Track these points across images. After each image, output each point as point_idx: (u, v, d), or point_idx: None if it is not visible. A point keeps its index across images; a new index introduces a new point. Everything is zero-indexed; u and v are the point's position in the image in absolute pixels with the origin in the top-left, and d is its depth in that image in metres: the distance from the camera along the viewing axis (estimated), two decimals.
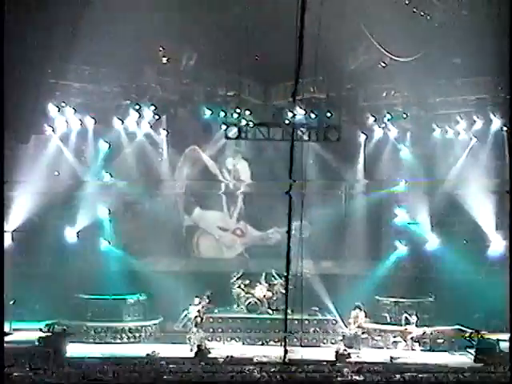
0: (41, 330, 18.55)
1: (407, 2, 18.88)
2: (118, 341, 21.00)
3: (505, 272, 17.72)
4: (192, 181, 24.20)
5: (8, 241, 20.92)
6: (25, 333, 19.43)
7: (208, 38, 19.66)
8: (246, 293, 22.12)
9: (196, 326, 20.28)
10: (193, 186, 24.31)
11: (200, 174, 24.28)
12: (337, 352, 18.72)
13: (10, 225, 21.27)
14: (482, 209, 21.94)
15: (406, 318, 20.88)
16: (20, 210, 21.43)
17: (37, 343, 18.09)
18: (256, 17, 18.64)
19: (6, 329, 19.27)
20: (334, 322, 21.44)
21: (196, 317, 20.30)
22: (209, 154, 24.02)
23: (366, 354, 19.71)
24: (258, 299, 21.94)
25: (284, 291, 19.24)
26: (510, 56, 15.44)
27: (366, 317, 20.73)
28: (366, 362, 17.89)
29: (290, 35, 10.77)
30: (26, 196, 21.45)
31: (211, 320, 21.14)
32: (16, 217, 21.41)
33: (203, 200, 24.51)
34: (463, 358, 19.48)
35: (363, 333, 20.64)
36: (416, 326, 20.78)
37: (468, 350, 19.85)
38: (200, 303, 20.47)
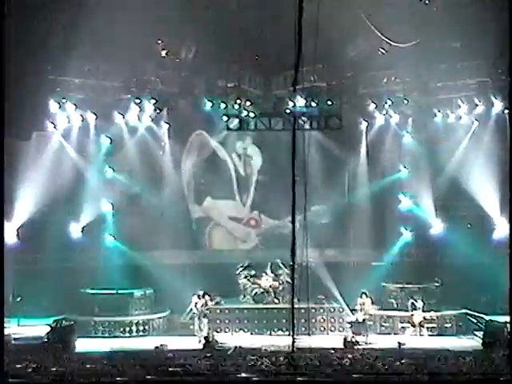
0: (49, 325, 18.59)
1: None
2: (127, 335, 21.08)
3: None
4: (200, 169, 24.22)
5: (13, 238, 21.02)
6: (33, 329, 19.49)
7: (206, 29, 19.60)
8: (252, 283, 22.17)
9: (199, 318, 20.32)
10: (201, 175, 24.30)
11: (208, 162, 24.24)
12: (345, 339, 18.78)
13: (15, 222, 21.33)
14: (486, 193, 21.97)
15: (413, 303, 20.92)
16: (24, 207, 21.49)
17: (45, 339, 18.14)
18: (255, 7, 18.59)
19: (14, 325, 19.45)
20: (340, 309, 21.49)
21: (200, 309, 20.34)
22: (215, 141, 23.97)
23: (374, 341, 19.76)
24: (264, 289, 21.99)
25: (290, 280, 19.27)
26: (510, 43, 15.39)
27: (372, 303, 20.76)
28: (373, 349, 17.96)
29: (290, 24, 10.74)
30: (29, 193, 21.50)
31: (218, 311, 21.20)
32: (20, 214, 21.47)
33: (213, 189, 24.49)
34: (471, 342, 19.53)
35: (370, 319, 20.69)
36: (423, 311, 20.84)
37: (476, 333, 19.91)
38: (205, 295, 20.50)
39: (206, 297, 20.54)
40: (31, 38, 17.88)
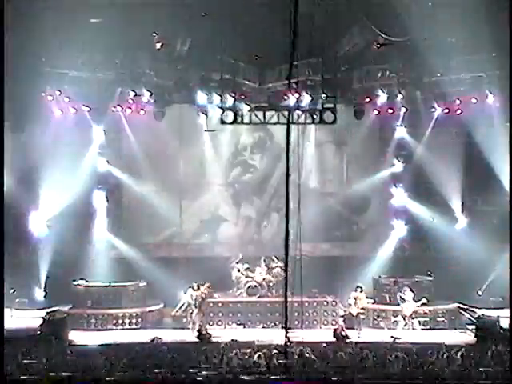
0: (42, 318, 18.58)
1: None
2: (120, 327, 21.08)
3: (504, 250, 17.87)
4: (194, 162, 24.16)
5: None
6: (26, 321, 19.48)
7: (201, 22, 19.52)
8: (246, 276, 22.19)
9: (192, 311, 20.34)
10: (195, 168, 24.25)
11: (202, 155, 24.18)
12: (334, 331, 18.82)
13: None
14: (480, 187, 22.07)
15: (401, 296, 20.73)
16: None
17: (38, 331, 18.13)
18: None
19: (7, 317, 19.41)
20: (333, 303, 21.53)
21: (195, 301, 20.36)
22: (210, 134, 23.93)
23: (367, 335, 19.81)
24: (257, 283, 22.01)
25: (283, 274, 19.29)
26: (510, 40, 15.39)
27: (365, 297, 20.79)
28: (366, 342, 18.01)
29: (285, 17, 10.71)
30: (22, 185, 21.49)
31: (211, 304, 21.21)
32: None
33: (207, 183, 24.44)
34: (463, 336, 19.61)
35: (363, 313, 20.72)
36: (422, 304, 20.81)
37: (468, 327, 19.99)
38: (199, 288, 20.50)
39: (201, 288, 20.53)
40: (25, 30, 17.80)
